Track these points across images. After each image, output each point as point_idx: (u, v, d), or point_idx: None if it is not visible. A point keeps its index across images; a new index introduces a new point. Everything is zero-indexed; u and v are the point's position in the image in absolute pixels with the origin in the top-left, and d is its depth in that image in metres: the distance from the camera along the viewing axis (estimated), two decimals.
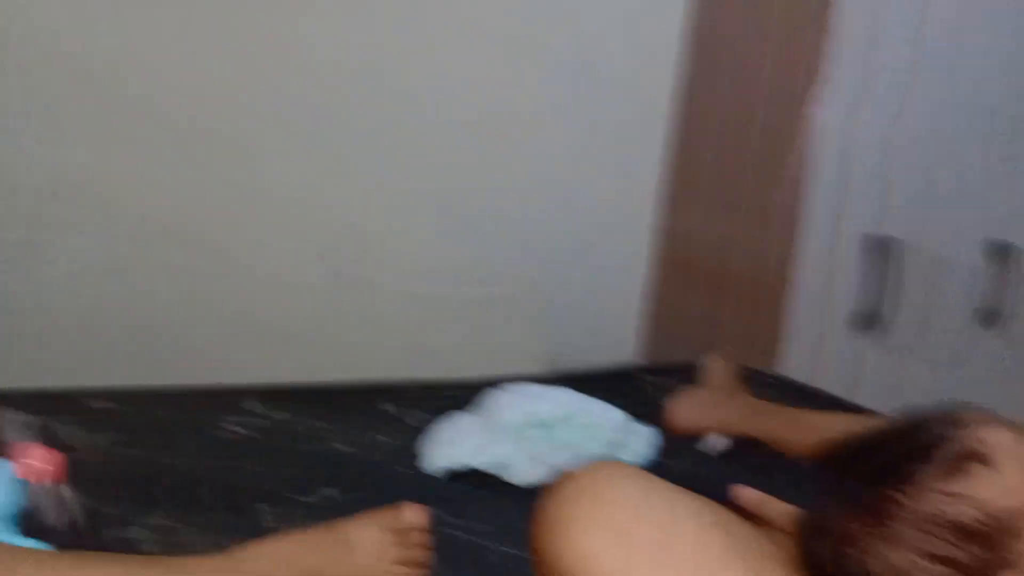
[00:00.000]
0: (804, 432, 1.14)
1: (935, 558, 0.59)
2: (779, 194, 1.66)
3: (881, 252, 1.70)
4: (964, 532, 0.59)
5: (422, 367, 1.48)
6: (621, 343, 1.90)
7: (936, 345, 1.78)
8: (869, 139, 1.71)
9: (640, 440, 1.10)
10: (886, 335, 1.72)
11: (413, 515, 0.78)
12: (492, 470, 1.01)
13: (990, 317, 1.83)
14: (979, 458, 0.60)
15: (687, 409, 1.26)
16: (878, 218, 1.70)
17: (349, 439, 1.11)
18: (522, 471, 0.99)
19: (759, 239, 1.71)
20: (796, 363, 1.64)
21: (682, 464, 1.13)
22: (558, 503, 0.65)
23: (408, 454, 1.07)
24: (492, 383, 1.21)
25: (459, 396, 1.20)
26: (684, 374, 1.45)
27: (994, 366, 1.86)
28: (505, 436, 1.00)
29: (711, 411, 1.23)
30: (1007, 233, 1.83)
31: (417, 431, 1.10)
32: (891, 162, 1.70)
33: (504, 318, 1.76)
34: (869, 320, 1.71)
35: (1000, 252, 1.82)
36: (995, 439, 0.61)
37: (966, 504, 0.59)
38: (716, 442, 1.15)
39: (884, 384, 1.72)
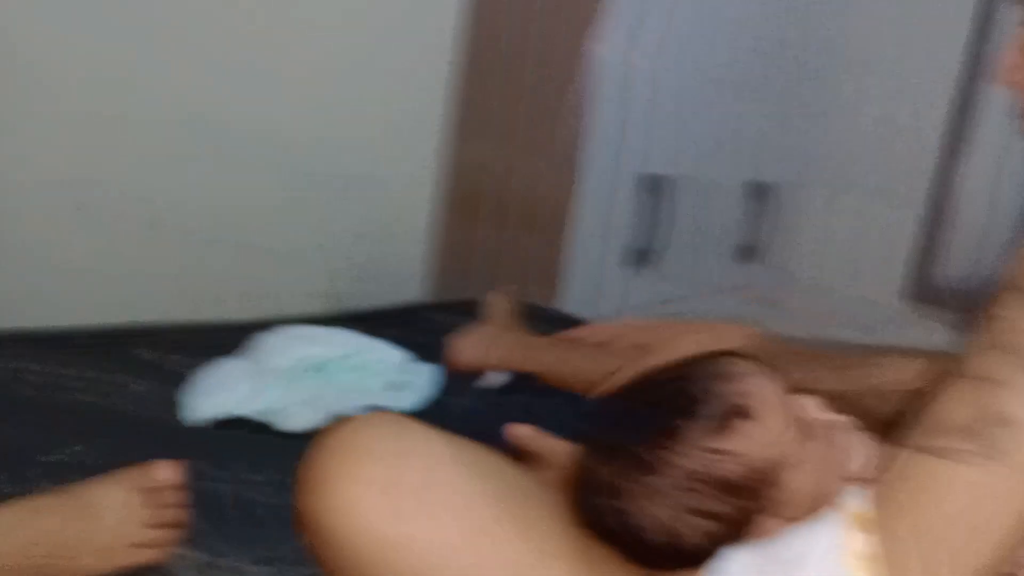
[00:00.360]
0: (580, 367, 1.16)
1: (698, 512, 0.61)
2: (560, 129, 1.67)
3: (653, 190, 1.77)
4: (726, 486, 0.61)
5: (184, 309, 1.37)
6: (408, 280, 1.86)
7: (701, 278, 1.88)
8: (643, 79, 1.76)
9: (421, 379, 1.07)
10: (657, 269, 1.80)
11: (165, 472, 0.71)
12: (262, 418, 0.94)
13: (749, 251, 1.97)
14: (741, 413, 0.62)
15: (469, 346, 1.24)
16: (651, 157, 1.76)
17: (97, 389, 0.99)
18: (295, 417, 0.93)
19: (543, 174, 1.72)
20: (576, 298, 1.68)
21: (463, 402, 1.11)
22: (318, 460, 0.61)
23: (166, 404, 0.97)
24: (264, 325, 1.13)
25: (226, 340, 1.11)
26: (469, 311, 1.44)
27: (756, 299, 2.01)
28: (275, 381, 0.93)
29: (492, 348, 1.23)
30: (766, 174, 1.96)
31: (177, 378, 1.00)
32: (662, 103, 1.76)
33: (281, 254, 1.67)
34: (642, 255, 1.78)
35: (759, 191, 1.96)
36: (756, 390, 0.63)
37: (729, 460, 0.61)
38: (494, 378, 1.15)
39: (655, 315, 1.81)
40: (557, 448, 0.76)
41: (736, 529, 0.61)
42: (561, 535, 0.62)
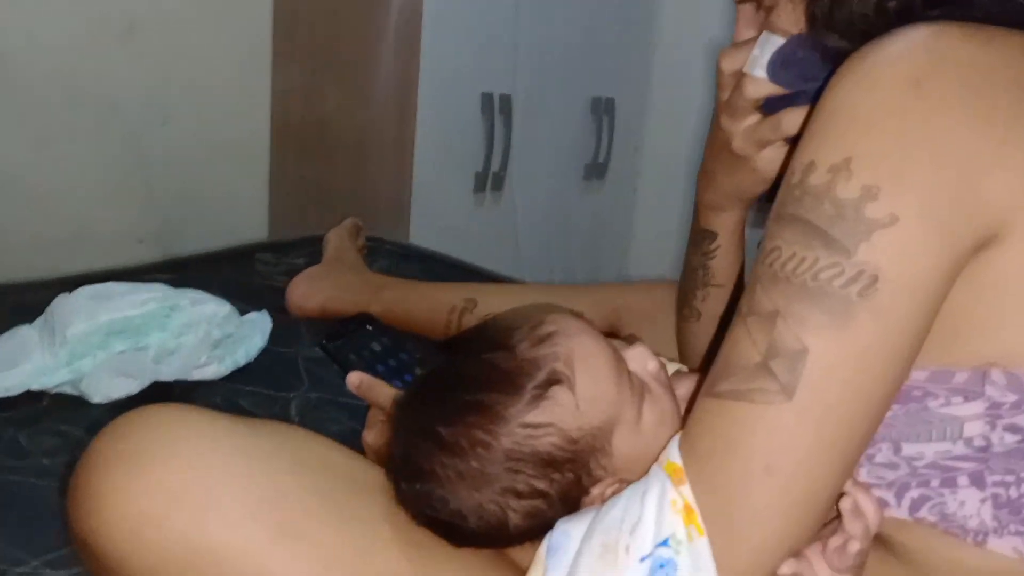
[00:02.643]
0: (421, 306, 1.11)
1: (521, 494, 0.56)
2: (394, 52, 1.58)
3: (499, 111, 1.71)
4: (549, 462, 0.56)
5: None
6: (247, 220, 1.76)
7: (548, 200, 1.86)
8: None
9: (250, 330, 0.99)
10: (503, 193, 1.76)
11: None
12: (65, 390, 0.85)
13: (595, 168, 1.96)
14: (557, 379, 0.57)
15: (305, 288, 1.17)
16: (490, 75, 1.69)
17: None
18: (106, 387, 0.85)
19: (380, 101, 1.63)
20: (424, 229, 1.62)
21: (298, 350, 1.04)
22: (85, 474, 0.53)
23: None
24: (75, 281, 1.01)
25: (28, 301, 1.00)
26: (310, 250, 1.36)
27: (597, 214, 2.00)
28: (79, 348, 0.84)
29: (330, 289, 1.16)
30: (608, 89, 1.93)
31: None
32: (501, 20, 1.69)
33: (101, 200, 1.53)
34: (487, 180, 1.73)
35: (603, 108, 1.93)
36: (576, 351, 0.58)
37: (547, 434, 0.56)
38: None
39: (504, 241, 1.77)
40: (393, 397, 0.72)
41: (568, 501, 0.58)
42: (385, 520, 0.56)
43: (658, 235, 1.99)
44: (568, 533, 0.54)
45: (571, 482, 0.57)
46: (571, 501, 0.58)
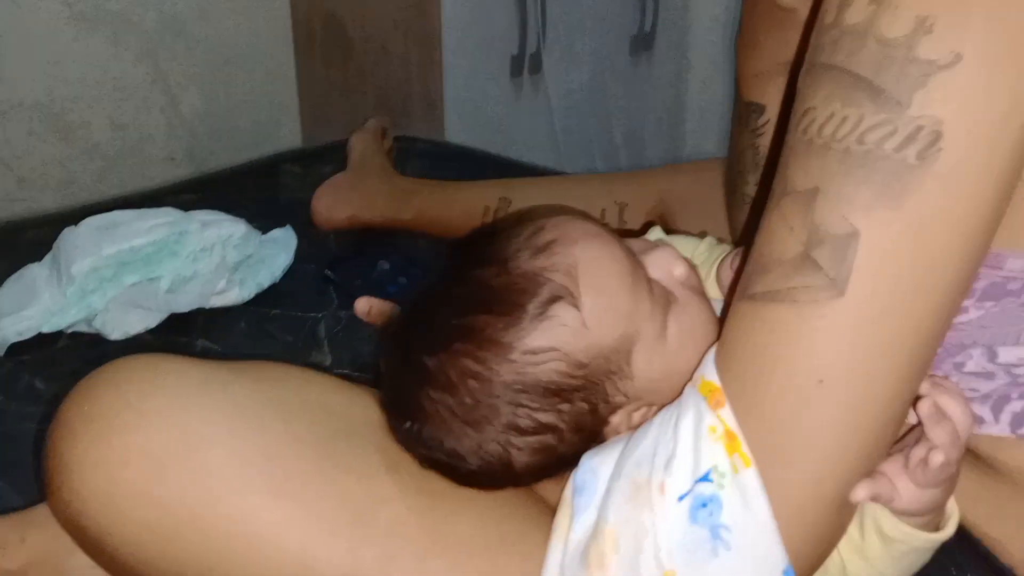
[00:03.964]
0: (452, 210, 1.04)
1: (526, 430, 0.48)
2: None
3: None
4: (553, 392, 0.48)
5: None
6: (279, 130, 1.70)
7: (591, 78, 1.73)
8: None
9: (273, 249, 0.93)
10: (541, 76, 1.64)
11: None
12: (80, 328, 0.81)
13: (641, 40, 1.81)
14: (559, 295, 0.48)
15: (331, 198, 1.11)
16: None
17: None
18: (121, 323, 0.81)
19: None
20: (457, 122, 1.52)
21: (321, 267, 0.98)
22: (57, 441, 0.48)
23: None
24: (89, 211, 0.96)
25: (44, 237, 0.95)
26: (336, 158, 1.29)
27: (645, 91, 1.87)
28: (88, 283, 0.80)
29: (357, 198, 1.09)
30: None
31: None
32: None
33: (128, 120, 1.49)
34: (523, 62, 1.62)
35: None
36: (578, 258, 0.48)
37: (551, 360, 0.47)
38: None
39: (545, 128, 1.67)
40: None
41: (584, 432, 0.50)
42: (389, 468, 0.50)
43: (712, 111, 1.85)
44: (595, 470, 0.48)
45: (584, 412, 0.49)
46: (587, 432, 0.50)
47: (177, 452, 0.46)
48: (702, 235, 0.65)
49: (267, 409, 0.49)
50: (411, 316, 0.53)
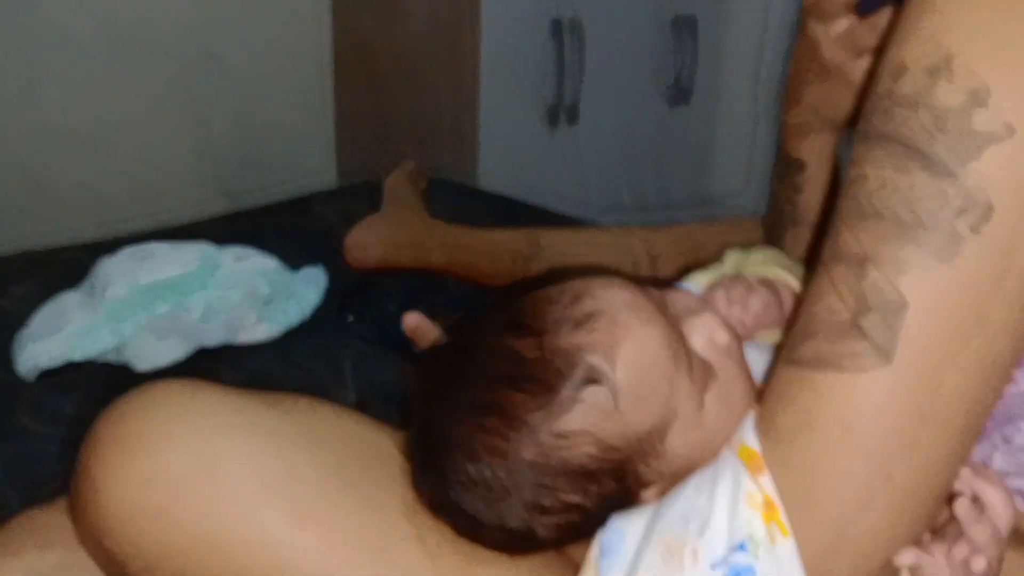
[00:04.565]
0: (482, 255, 1.04)
1: (550, 510, 0.47)
2: None
3: (570, 35, 1.60)
4: (582, 475, 0.46)
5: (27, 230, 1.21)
6: (313, 168, 1.71)
7: (628, 128, 1.74)
8: None
9: (302, 286, 0.94)
10: (577, 125, 1.65)
11: None
12: (108, 359, 0.81)
13: (679, 94, 1.82)
14: (595, 378, 0.46)
15: (364, 238, 1.11)
16: (563, 0, 1.58)
17: None
18: (152, 354, 0.81)
19: (443, 32, 1.54)
20: (491, 166, 1.53)
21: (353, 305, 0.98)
22: (84, 465, 0.47)
23: None
24: (122, 242, 0.97)
25: (80, 264, 0.96)
26: (370, 196, 1.30)
27: (685, 141, 1.87)
28: (120, 311, 0.80)
29: (389, 239, 1.10)
30: (688, 6, 1.78)
31: (16, 320, 0.86)
32: None
33: (158, 147, 1.50)
34: (558, 111, 1.63)
35: (686, 26, 1.79)
36: (617, 338, 0.46)
37: (579, 444, 0.46)
38: None
39: (577, 177, 1.67)
40: None
41: (611, 508, 0.48)
42: (410, 508, 0.49)
43: (747, 163, 1.85)
44: (623, 532, 0.46)
45: (613, 491, 0.48)
46: (616, 507, 0.49)
47: (201, 475, 0.46)
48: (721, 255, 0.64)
49: (294, 438, 0.49)
50: (440, 370, 0.51)
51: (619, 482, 0.48)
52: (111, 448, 0.47)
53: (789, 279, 0.58)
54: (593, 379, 0.46)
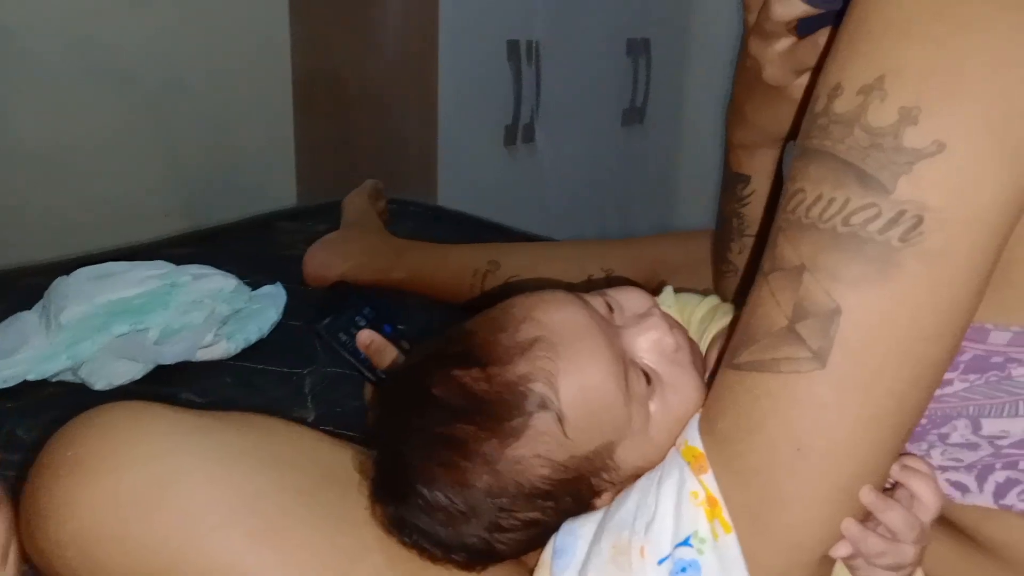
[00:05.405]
0: (441, 271, 1.05)
1: (507, 528, 0.49)
2: (413, 3, 1.50)
3: (527, 58, 1.62)
4: (536, 495, 0.48)
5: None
6: (275, 185, 1.72)
7: (583, 149, 1.77)
8: None
9: (260, 304, 0.94)
10: (535, 145, 1.68)
11: None
12: (66, 378, 0.81)
13: (633, 113, 1.86)
14: (541, 405, 0.48)
15: (323, 257, 1.12)
16: (519, 22, 1.60)
17: None
18: (108, 373, 0.81)
19: (399, 54, 1.56)
20: (450, 186, 1.55)
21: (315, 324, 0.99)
22: (35, 485, 0.47)
23: None
24: (83, 261, 0.97)
25: (37, 284, 0.96)
26: (331, 216, 1.30)
27: (636, 163, 1.91)
28: (77, 332, 0.80)
29: (349, 257, 1.11)
30: (643, 30, 1.82)
31: None
32: None
33: (126, 172, 1.50)
34: (517, 132, 1.65)
35: (640, 49, 1.83)
36: (559, 364, 0.48)
37: (531, 467, 0.48)
38: None
39: (538, 196, 1.70)
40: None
41: (570, 514, 0.50)
42: (373, 521, 0.50)
43: (703, 183, 1.89)
44: (575, 533, 0.48)
45: (569, 504, 0.50)
46: (572, 515, 0.50)
47: (158, 496, 0.46)
48: (706, 292, 0.66)
49: (252, 457, 0.49)
50: (400, 405, 0.52)
51: (573, 496, 0.50)
52: (63, 471, 0.47)
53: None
54: (538, 407, 0.48)
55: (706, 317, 0.61)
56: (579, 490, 0.50)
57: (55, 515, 0.46)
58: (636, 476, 0.50)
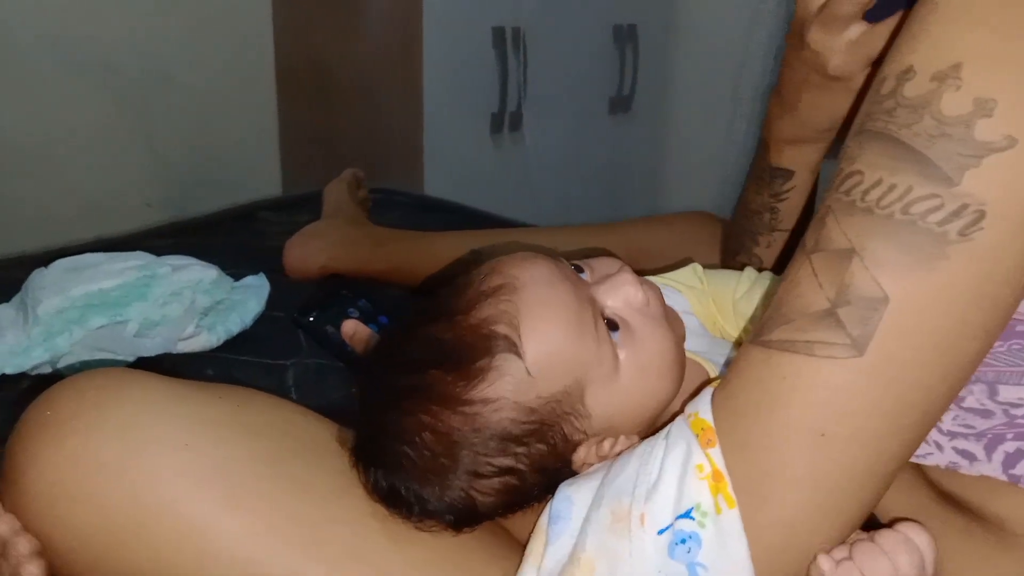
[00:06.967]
0: (423, 261, 1.04)
1: (485, 474, 0.49)
2: None
3: (512, 45, 1.61)
4: (507, 438, 0.48)
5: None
6: (259, 176, 1.71)
7: (570, 137, 1.76)
8: None
9: (245, 295, 0.93)
10: (522, 133, 1.67)
11: None
12: (44, 370, 0.80)
13: (619, 101, 1.85)
14: (502, 344, 0.48)
15: (303, 248, 1.11)
16: (504, 8, 1.59)
17: None
18: (82, 365, 0.80)
19: (383, 42, 1.54)
20: (436, 175, 1.54)
21: (296, 315, 0.98)
22: (13, 451, 0.47)
23: None
24: (62, 253, 0.96)
25: (15, 277, 0.95)
26: (314, 207, 1.29)
27: (623, 151, 1.90)
28: (54, 325, 0.79)
29: (329, 247, 1.09)
30: (630, 16, 1.81)
31: None
32: None
33: (109, 164, 1.49)
34: (504, 120, 1.64)
35: (626, 36, 1.82)
36: (521, 306, 0.48)
37: (497, 409, 0.48)
38: None
39: (525, 184, 1.69)
40: None
41: (546, 471, 0.50)
42: (347, 490, 0.50)
43: (690, 171, 1.89)
44: (571, 499, 0.47)
45: (543, 452, 0.50)
46: (551, 470, 0.50)
47: (129, 459, 0.46)
48: (741, 267, 0.65)
49: (227, 425, 0.49)
50: (372, 370, 0.53)
51: (546, 443, 0.49)
52: (37, 431, 0.47)
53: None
54: (501, 348, 0.48)
55: (749, 290, 0.60)
56: (551, 436, 0.49)
57: (27, 471, 0.47)
58: (612, 429, 0.50)
